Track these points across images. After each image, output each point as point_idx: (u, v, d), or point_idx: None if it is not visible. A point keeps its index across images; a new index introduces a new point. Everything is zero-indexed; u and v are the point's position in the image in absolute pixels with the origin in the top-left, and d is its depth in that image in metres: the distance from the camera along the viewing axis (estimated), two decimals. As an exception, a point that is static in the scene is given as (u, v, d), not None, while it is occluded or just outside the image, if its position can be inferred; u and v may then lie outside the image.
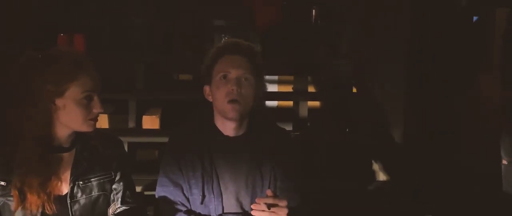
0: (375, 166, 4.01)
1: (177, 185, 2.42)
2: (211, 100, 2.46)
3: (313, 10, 4.51)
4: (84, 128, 2.19)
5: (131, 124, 4.18)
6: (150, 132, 4.23)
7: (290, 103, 5.04)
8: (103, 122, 4.27)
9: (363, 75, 4.24)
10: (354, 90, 4.60)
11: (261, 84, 2.50)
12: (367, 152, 4.03)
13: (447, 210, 3.88)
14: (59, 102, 2.12)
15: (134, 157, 4.04)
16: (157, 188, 2.45)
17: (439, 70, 4.64)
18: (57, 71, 2.10)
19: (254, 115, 2.49)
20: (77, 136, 2.26)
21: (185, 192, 2.43)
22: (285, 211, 2.21)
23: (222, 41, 2.58)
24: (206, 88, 2.46)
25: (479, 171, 4.98)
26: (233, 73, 2.36)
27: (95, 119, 2.20)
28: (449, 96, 4.85)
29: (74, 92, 2.11)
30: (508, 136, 4.53)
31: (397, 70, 3.93)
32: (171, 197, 2.41)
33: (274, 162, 2.47)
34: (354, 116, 4.38)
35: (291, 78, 5.16)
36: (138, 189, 3.41)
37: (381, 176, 4.00)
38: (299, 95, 4.88)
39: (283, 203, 2.21)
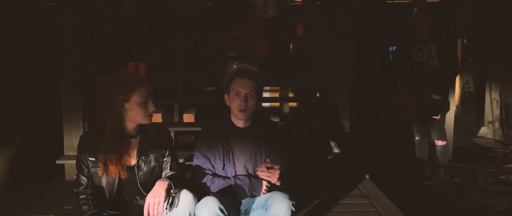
0: (332, 143, 3.97)
1: (206, 157, 2.43)
2: (228, 104, 2.47)
3: (291, 45, 4.47)
4: (144, 121, 2.20)
5: (176, 119, 4.14)
6: (188, 124, 4.18)
7: (277, 104, 4.99)
8: (159, 118, 4.23)
9: (324, 85, 4.19)
10: (317, 94, 4.56)
11: (261, 96, 2.51)
12: (327, 135, 3.99)
13: (379, 170, 3.85)
14: (127, 105, 2.13)
15: (178, 140, 3.99)
16: (194, 159, 2.47)
17: (372, 80, 4.62)
18: (124, 86, 2.11)
19: (256, 113, 2.49)
20: (140, 128, 2.25)
21: (211, 162, 2.44)
22: (278, 172, 2.31)
23: (236, 66, 2.59)
24: (226, 96, 2.47)
25: (401, 144, 4.97)
26: (242, 92, 2.38)
27: (151, 115, 2.22)
28: (379, 97, 4.82)
29: (136, 99, 2.13)
30: (416, 121, 4.55)
31: (345, 81, 3.90)
32: (202, 166, 2.43)
33: (268, 143, 2.49)
34: (318, 111, 4.33)
35: (277, 87, 5.12)
36: (181, 160, 3.37)
37: (336, 150, 3.96)
38: (283, 99, 4.83)
39: (277, 166, 2.32)
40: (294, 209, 2.22)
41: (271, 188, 2.38)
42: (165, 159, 2.33)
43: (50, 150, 3.65)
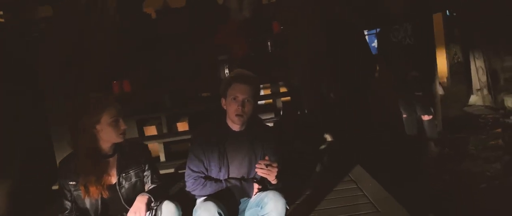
0: (324, 133, 3.93)
1: (200, 160, 2.43)
2: (225, 108, 2.46)
3: (268, 42, 4.42)
4: (118, 140, 2.19)
5: (165, 130, 4.09)
6: (181, 133, 4.09)
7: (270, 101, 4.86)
8: (153, 131, 4.20)
9: (299, 78, 4.12)
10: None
11: (257, 101, 2.51)
12: (313, 126, 3.95)
13: (369, 154, 3.81)
14: (98, 127, 2.12)
15: (169, 150, 3.95)
16: (187, 161, 2.46)
17: (353, 69, 4.55)
18: (93, 109, 2.11)
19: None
20: (116, 146, 2.24)
21: (205, 165, 2.44)
22: (276, 170, 2.30)
23: (234, 71, 2.55)
24: (223, 100, 2.47)
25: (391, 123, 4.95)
26: (240, 97, 2.37)
27: (124, 133, 2.20)
28: (363, 84, 4.76)
29: (106, 119, 2.12)
30: (401, 100, 4.54)
31: (321, 75, 3.88)
32: (195, 169, 2.43)
33: (264, 145, 2.48)
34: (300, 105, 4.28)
35: (268, 85, 5.00)
36: (172, 170, 3.38)
37: (328, 138, 3.91)
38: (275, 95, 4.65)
39: (275, 164, 2.30)
40: (288, 208, 2.25)
41: (268, 186, 2.39)
42: (145, 173, 2.32)
43: (47, 176, 3.66)
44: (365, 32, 8.75)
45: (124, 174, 2.24)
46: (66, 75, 3.57)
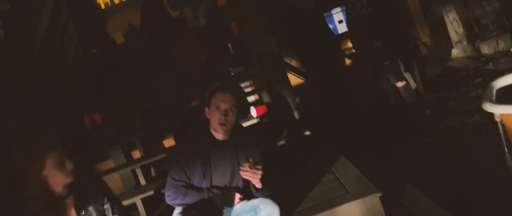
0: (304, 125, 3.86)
1: (182, 169, 2.43)
2: (208, 118, 2.47)
3: (229, 44, 4.37)
4: (67, 180, 2.17)
5: (142, 153, 4.02)
6: (158, 153, 3.99)
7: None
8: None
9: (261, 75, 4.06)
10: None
11: (241, 111, 2.51)
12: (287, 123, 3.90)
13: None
14: (45, 172, 2.10)
15: (158, 168, 3.94)
16: (169, 171, 2.47)
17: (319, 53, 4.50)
18: (35, 156, 2.10)
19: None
20: (70, 186, 2.22)
21: (187, 174, 2.44)
22: (260, 172, 2.32)
23: (219, 81, 2.54)
24: (206, 109, 2.48)
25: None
26: (223, 106, 2.39)
27: (71, 173, 2.15)
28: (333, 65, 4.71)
29: (50, 163, 2.10)
30: (371, 72, 4.50)
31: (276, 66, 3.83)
32: (177, 177, 2.43)
33: (247, 150, 2.49)
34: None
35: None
36: (152, 192, 3.35)
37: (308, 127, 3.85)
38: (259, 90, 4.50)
39: (259, 167, 2.33)
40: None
41: (253, 191, 2.40)
42: (105, 206, 2.29)
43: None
44: (339, 9, 8.71)
45: (83, 213, 2.22)
46: (33, 117, 3.56)
